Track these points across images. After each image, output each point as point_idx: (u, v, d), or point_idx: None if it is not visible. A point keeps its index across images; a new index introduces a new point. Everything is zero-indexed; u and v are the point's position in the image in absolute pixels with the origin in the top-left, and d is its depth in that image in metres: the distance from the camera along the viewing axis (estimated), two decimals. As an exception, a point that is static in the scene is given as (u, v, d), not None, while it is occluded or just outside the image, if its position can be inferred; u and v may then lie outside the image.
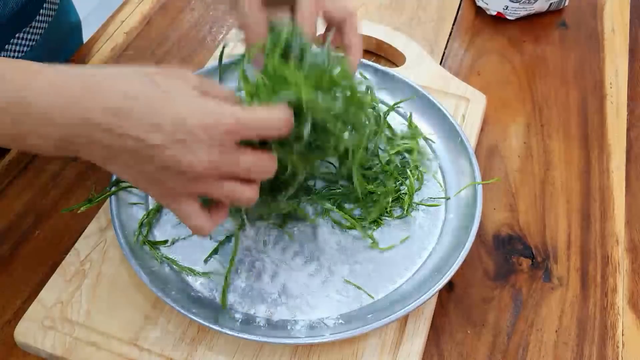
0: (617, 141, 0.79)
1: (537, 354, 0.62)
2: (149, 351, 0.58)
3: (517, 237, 0.70)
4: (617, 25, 0.94)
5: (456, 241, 0.64)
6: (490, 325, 0.63)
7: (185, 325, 0.60)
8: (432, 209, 0.68)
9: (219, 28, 0.91)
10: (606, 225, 0.71)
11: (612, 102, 0.84)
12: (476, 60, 0.88)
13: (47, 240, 0.67)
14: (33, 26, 0.78)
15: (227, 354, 0.59)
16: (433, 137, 0.73)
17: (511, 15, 0.92)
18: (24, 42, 0.78)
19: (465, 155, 0.70)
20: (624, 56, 0.89)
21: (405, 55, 0.83)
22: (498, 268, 0.67)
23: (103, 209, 0.67)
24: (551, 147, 0.78)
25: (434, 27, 0.92)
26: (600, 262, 0.68)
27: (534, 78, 0.86)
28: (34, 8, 0.78)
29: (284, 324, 0.59)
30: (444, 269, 0.61)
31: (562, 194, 0.74)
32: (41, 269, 0.65)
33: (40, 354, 0.59)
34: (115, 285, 0.62)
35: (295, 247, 0.64)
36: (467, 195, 0.67)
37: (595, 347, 0.62)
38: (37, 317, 0.60)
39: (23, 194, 0.71)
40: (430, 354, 0.61)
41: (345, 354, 0.59)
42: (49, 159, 0.74)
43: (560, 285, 0.66)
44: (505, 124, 0.81)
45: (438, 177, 0.71)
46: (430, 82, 0.80)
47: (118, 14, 0.92)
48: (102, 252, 0.64)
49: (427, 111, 0.75)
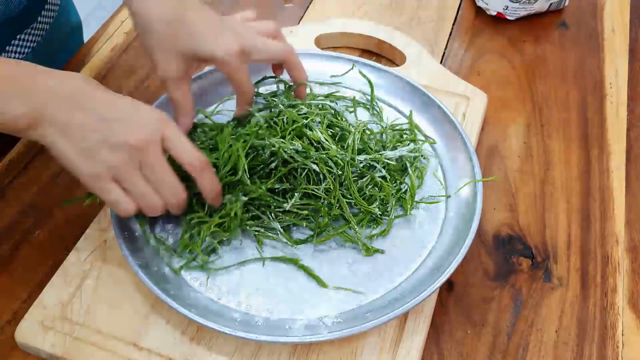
0: (617, 141, 0.79)
1: (537, 354, 0.62)
2: (148, 351, 0.58)
3: (517, 237, 0.70)
4: (617, 25, 0.94)
5: (456, 239, 0.64)
6: (490, 325, 0.63)
7: (185, 325, 0.60)
8: (432, 208, 0.68)
9: (219, 28, 0.91)
10: (606, 225, 0.71)
11: (612, 102, 0.84)
12: (476, 60, 0.88)
13: (47, 240, 0.67)
14: (35, 27, 0.78)
15: (226, 353, 0.59)
16: (433, 135, 0.74)
17: (511, 15, 0.92)
18: (25, 44, 0.78)
19: (466, 154, 0.70)
20: (624, 56, 0.89)
21: (405, 54, 0.83)
22: (498, 268, 0.67)
23: (103, 210, 0.68)
24: (551, 147, 0.78)
25: (434, 27, 0.92)
26: (600, 262, 0.68)
27: (534, 78, 0.86)
28: (36, 9, 0.78)
29: (282, 323, 0.59)
30: (444, 267, 0.61)
31: (562, 194, 0.74)
32: (41, 269, 0.65)
33: (40, 354, 0.59)
34: (115, 286, 0.62)
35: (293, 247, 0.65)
36: (467, 194, 0.67)
37: (595, 347, 0.62)
38: (38, 317, 0.60)
39: (23, 194, 0.71)
40: (430, 353, 0.61)
41: (345, 352, 0.59)
42: (49, 158, 0.73)
43: (560, 285, 0.66)
44: (505, 124, 0.81)
45: (438, 175, 0.71)
46: (430, 81, 0.80)
47: (118, 14, 0.92)
48: (102, 252, 0.64)
49: (427, 109, 0.75)
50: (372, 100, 0.76)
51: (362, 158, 0.66)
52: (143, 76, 0.84)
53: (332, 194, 0.63)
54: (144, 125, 0.55)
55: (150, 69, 0.84)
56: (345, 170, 0.64)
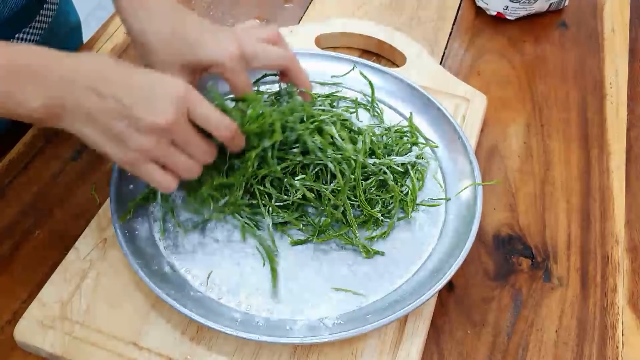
0: (617, 141, 0.79)
1: (537, 354, 0.62)
2: (148, 350, 0.58)
3: (517, 237, 0.70)
4: (617, 25, 0.94)
5: (456, 242, 0.64)
6: (490, 325, 0.63)
7: (185, 325, 0.60)
8: (432, 210, 0.68)
9: (219, 28, 0.91)
10: (606, 225, 0.71)
11: (612, 102, 0.84)
12: (476, 60, 0.88)
13: (47, 240, 0.67)
14: (33, 26, 0.78)
15: (226, 353, 0.59)
16: (433, 137, 0.73)
17: (511, 15, 0.92)
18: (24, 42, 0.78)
19: (465, 156, 0.70)
20: (624, 56, 0.89)
21: (405, 55, 0.83)
22: (498, 268, 0.67)
23: (103, 209, 0.68)
24: (551, 147, 0.78)
25: (434, 27, 0.92)
26: (600, 262, 0.68)
27: (534, 78, 0.86)
28: (35, 8, 0.78)
29: (283, 324, 0.59)
30: (444, 270, 0.61)
31: (562, 194, 0.74)
32: (41, 269, 0.65)
33: (40, 353, 0.59)
34: (115, 285, 0.62)
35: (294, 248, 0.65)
36: (467, 196, 0.67)
37: (595, 347, 0.62)
38: (37, 316, 0.60)
39: (23, 194, 0.71)
40: (430, 354, 0.61)
41: (345, 353, 0.59)
42: (49, 158, 0.74)
43: (560, 285, 0.66)
44: (505, 124, 0.81)
45: (438, 178, 0.71)
46: (430, 82, 0.80)
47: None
48: (102, 251, 0.64)
49: (427, 111, 0.75)
50: (373, 102, 0.76)
51: (372, 161, 0.66)
52: (143, 76, 0.84)
53: (339, 195, 0.63)
54: (167, 103, 0.54)
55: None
56: (356, 172, 0.64)
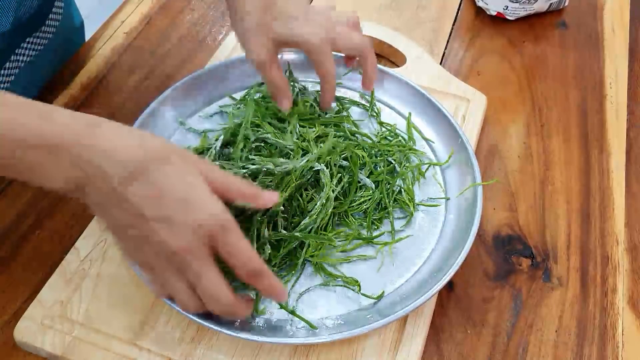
0: (617, 141, 0.79)
1: (537, 354, 0.62)
2: (148, 350, 0.58)
3: (517, 237, 0.70)
4: (617, 25, 0.94)
5: (456, 242, 0.64)
6: (490, 325, 0.63)
7: (185, 325, 0.60)
8: (432, 210, 0.68)
9: (219, 28, 0.91)
10: (606, 225, 0.71)
11: (612, 102, 0.84)
12: (476, 61, 0.88)
13: (47, 240, 0.67)
14: (42, 30, 0.79)
15: (226, 353, 0.59)
16: (433, 137, 0.73)
17: (511, 15, 0.92)
18: (32, 47, 0.78)
19: (465, 156, 0.70)
20: (624, 56, 0.89)
21: (405, 55, 0.83)
22: (498, 268, 0.67)
23: (103, 209, 0.68)
24: (551, 147, 0.78)
25: (434, 27, 0.92)
26: (600, 262, 0.68)
27: (534, 78, 0.86)
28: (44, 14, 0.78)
29: (283, 324, 0.59)
30: (444, 270, 0.61)
31: (562, 194, 0.74)
32: (41, 269, 0.65)
33: (40, 353, 0.59)
34: (115, 285, 0.62)
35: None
36: (467, 196, 0.67)
37: (595, 347, 0.62)
38: (37, 316, 0.60)
39: (23, 194, 0.71)
40: (430, 354, 0.61)
41: (345, 354, 0.59)
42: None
43: (560, 285, 0.66)
44: (505, 124, 0.81)
45: (438, 178, 0.71)
46: (430, 82, 0.80)
47: (118, 14, 0.92)
48: (102, 251, 0.64)
49: (427, 111, 0.75)
50: (372, 103, 0.76)
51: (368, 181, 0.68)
52: (143, 76, 0.84)
53: None
54: (189, 229, 0.48)
55: (150, 69, 0.84)
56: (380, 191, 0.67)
